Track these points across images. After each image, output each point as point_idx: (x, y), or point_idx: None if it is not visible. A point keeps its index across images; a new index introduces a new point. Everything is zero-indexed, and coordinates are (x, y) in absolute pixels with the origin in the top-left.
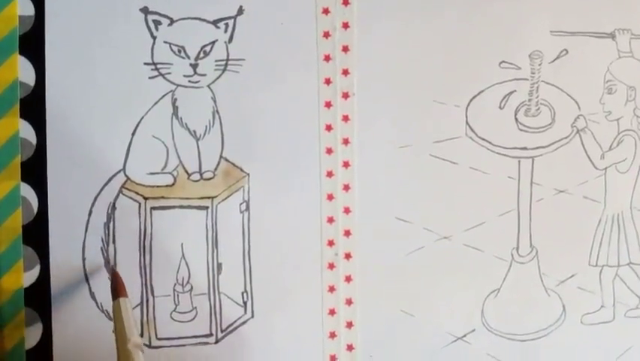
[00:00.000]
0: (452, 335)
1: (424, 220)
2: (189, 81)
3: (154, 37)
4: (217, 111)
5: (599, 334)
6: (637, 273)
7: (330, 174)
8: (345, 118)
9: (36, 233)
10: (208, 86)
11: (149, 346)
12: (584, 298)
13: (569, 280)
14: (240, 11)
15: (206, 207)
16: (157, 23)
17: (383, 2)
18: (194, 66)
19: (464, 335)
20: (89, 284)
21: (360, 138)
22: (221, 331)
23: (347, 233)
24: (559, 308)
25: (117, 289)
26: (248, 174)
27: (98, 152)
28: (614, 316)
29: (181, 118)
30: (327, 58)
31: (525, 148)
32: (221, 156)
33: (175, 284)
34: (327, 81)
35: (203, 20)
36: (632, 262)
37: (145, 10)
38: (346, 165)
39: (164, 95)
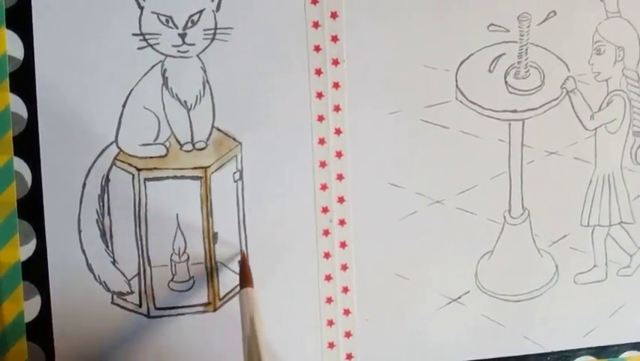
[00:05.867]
0: (447, 297)
1: (416, 185)
2: (178, 51)
3: (141, 8)
4: (207, 81)
5: (592, 293)
6: (628, 232)
7: (322, 142)
8: (336, 85)
9: (31, 207)
10: (197, 55)
11: (148, 316)
12: (577, 258)
13: (561, 240)
14: None
15: (200, 178)
16: None
17: None
18: (183, 36)
19: (459, 297)
20: (85, 256)
21: (351, 105)
22: (219, 299)
23: (341, 200)
24: (552, 268)
25: (244, 278)
26: (240, 144)
27: (89, 124)
28: (607, 275)
29: (171, 88)
30: (316, 25)
31: (515, 111)
32: (213, 126)
33: (172, 254)
34: (317, 48)
35: None
36: (624, 221)
37: None
38: (338, 132)
39: (153, 66)
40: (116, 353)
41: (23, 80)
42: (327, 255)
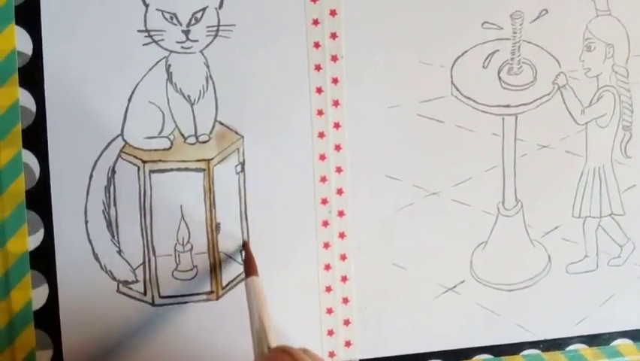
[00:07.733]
0: (443, 286)
1: (413, 177)
2: (182, 47)
3: (146, 5)
4: (210, 76)
5: (584, 282)
6: (619, 223)
7: (321, 135)
8: (335, 80)
9: (39, 198)
10: (200, 51)
11: (153, 304)
12: (569, 248)
13: (553, 231)
14: None
15: (203, 170)
16: None
17: None
18: (186, 32)
19: (454, 286)
20: (92, 246)
21: (350, 100)
22: (222, 288)
23: (339, 191)
24: (544, 259)
25: (249, 266)
26: (242, 137)
27: (96, 118)
28: (598, 265)
29: (175, 83)
30: (316, 22)
31: (508, 106)
32: (215, 120)
33: (176, 244)
34: (317, 45)
35: None
36: (614, 212)
37: None
38: (337, 126)
39: (158, 62)
40: (122, 340)
41: (32, 75)
42: (326, 245)
